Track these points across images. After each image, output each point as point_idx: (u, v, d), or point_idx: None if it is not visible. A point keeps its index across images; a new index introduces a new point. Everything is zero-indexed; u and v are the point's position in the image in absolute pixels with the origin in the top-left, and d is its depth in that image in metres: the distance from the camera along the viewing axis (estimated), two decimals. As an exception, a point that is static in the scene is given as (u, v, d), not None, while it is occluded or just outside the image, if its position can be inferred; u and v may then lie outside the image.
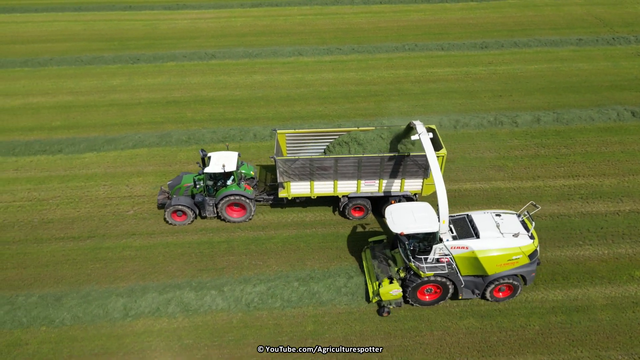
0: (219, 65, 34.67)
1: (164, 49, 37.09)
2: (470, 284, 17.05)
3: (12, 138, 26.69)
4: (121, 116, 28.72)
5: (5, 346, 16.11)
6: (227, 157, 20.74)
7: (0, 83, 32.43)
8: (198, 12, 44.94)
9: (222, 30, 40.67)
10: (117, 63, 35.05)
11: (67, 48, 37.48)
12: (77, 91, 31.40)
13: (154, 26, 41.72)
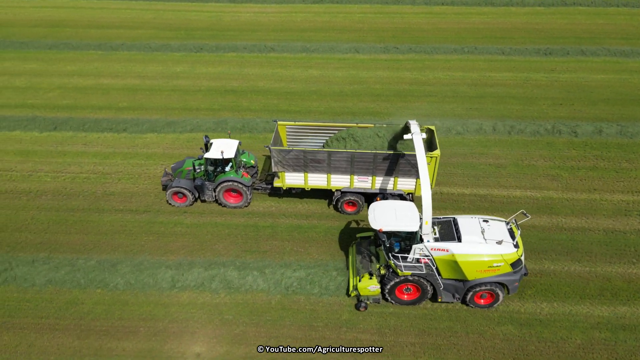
0: (277, 58, 35.57)
1: (226, 40, 38.48)
2: (451, 288, 16.87)
3: (83, 115, 28.73)
4: (182, 101, 30.17)
5: (64, 303, 17.56)
6: (228, 144, 21.44)
7: (76, 64, 34.92)
8: (261, 6, 46.17)
9: (282, 25, 41.63)
10: (182, 51, 36.76)
11: (138, 35, 39.71)
12: (144, 75, 33.27)
13: (218, 18, 43.32)
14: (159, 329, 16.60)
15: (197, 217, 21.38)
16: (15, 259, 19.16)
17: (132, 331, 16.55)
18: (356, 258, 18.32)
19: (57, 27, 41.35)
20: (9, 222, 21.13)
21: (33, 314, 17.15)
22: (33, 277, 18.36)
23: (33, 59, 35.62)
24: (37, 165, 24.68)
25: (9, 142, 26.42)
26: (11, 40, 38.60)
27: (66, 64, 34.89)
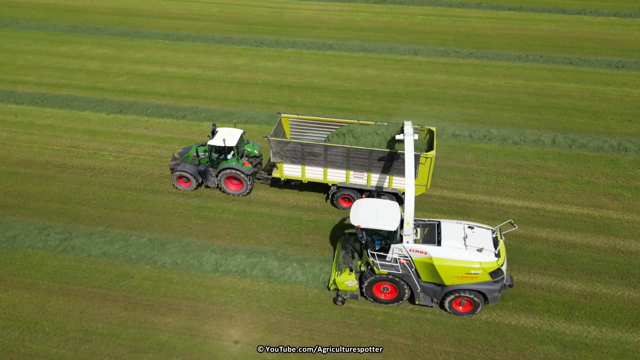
0: (334, 56, 35.79)
1: (286, 36, 39.17)
2: (430, 291, 16.75)
3: (147, 100, 30.25)
4: (239, 93, 31.04)
5: (116, 276, 18.63)
6: (232, 133, 22.05)
7: (144, 52, 36.78)
8: (323, 4, 46.58)
9: (342, 23, 41.80)
10: (243, 44, 37.79)
11: (203, 27, 41.23)
12: (205, 66, 34.51)
13: (280, 14, 44.15)
14: (200, 309, 17.27)
15: (244, 206, 21.98)
16: (75, 230, 20.55)
17: (174, 308, 17.32)
18: (340, 253, 18.41)
19: (130, 16, 43.74)
20: (73, 195, 22.66)
21: (87, 282, 18.34)
22: (89, 249, 19.62)
23: (106, 45, 37.88)
24: (102, 144, 26.28)
25: (79, 121, 28.29)
26: (88, 26, 41.26)
27: (136, 51, 36.84)
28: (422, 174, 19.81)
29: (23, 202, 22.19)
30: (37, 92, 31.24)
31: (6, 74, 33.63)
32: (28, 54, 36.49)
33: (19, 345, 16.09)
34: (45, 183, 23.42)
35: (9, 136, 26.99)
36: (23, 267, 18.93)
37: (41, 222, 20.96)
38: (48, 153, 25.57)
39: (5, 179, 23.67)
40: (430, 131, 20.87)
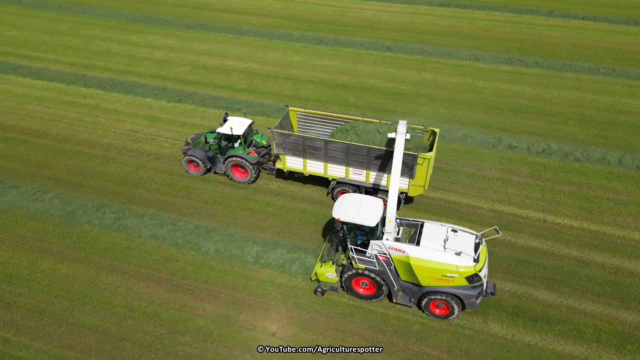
0: (392, 58, 35.35)
1: (345, 35, 39.14)
2: (408, 291, 16.78)
3: (205, 92, 31.20)
4: (294, 89, 31.36)
5: (162, 258, 19.36)
6: (240, 122, 22.64)
7: (207, 44, 37.98)
8: (385, 4, 46.14)
9: (403, 25, 41.22)
10: (302, 42, 38.15)
11: (265, 22, 42.02)
12: (264, 61, 35.13)
13: (341, 13, 44.17)
14: (238, 299, 17.61)
15: (289, 201, 22.17)
16: (129, 211, 21.54)
17: (214, 295, 17.76)
18: (326, 245, 18.54)
19: (197, 9, 45.31)
20: (129, 177, 23.77)
21: (135, 262, 19.18)
22: (140, 229, 20.50)
23: (172, 36, 39.46)
24: (160, 131, 27.38)
25: (141, 107, 29.63)
26: (157, 17, 43.14)
27: (199, 43, 38.11)
28: (420, 175, 19.72)
29: (84, 180, 23.54)
30: (105, 77, 33.03)
31: (79, 58, 35.80)
32: (101, 41, 38.67)
33: (68, 315, 17.09)
34: (105, 164, 24.72)
35: (77, 117, 28.72)
36: (79, 241, 20.09)
37: (99, 201, 22.15)
38: (110, 135, 26.98)
39: (71, 157, 25.21)
40: (434, 132, 20.78)
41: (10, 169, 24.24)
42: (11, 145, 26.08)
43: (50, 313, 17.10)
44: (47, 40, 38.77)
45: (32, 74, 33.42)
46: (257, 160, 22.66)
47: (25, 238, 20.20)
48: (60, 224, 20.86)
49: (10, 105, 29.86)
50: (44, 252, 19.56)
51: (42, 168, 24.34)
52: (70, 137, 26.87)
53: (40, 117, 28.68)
